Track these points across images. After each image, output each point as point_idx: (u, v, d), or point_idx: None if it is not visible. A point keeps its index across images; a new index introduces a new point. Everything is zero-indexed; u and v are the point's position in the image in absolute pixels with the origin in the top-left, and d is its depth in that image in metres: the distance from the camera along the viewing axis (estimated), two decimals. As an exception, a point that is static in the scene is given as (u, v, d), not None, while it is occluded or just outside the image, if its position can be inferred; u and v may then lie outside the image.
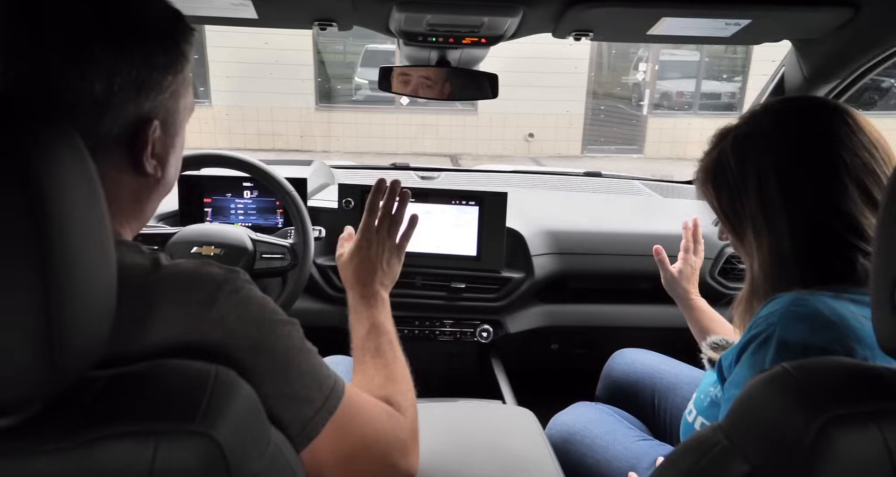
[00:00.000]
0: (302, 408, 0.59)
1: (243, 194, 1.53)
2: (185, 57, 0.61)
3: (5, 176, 0.38)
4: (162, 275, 0.55)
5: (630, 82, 9.26)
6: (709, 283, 1.58)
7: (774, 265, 0.78)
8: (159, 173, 0.62)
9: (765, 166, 0.77)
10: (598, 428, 1.15)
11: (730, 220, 0.84)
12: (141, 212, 0.65)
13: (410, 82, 1.40)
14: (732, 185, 0.81)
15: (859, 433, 0.44)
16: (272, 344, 0.58)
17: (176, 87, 0.61)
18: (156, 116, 0.59)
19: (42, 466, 0.42)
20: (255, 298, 0.59)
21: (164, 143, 0.62)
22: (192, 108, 0.66)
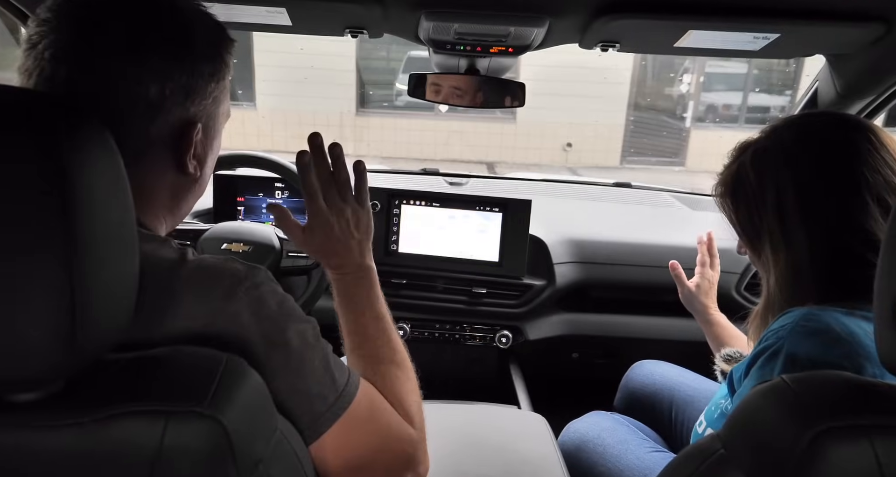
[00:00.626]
0: (314, 404, 0.60)
1: (275, 194, 1.58)
2: (227, 65, 0.66)
3: (40, 170, 0.41)
4: (187, 268, 0.58)
5: (674, 94, 9.11)
6: (734, 297, 1.56)
7: (791, 280, 0.77)
8: (198, 173, 0.66)
9: (784, 181, 0.77)
10: (611, 437, 1.15)
11: (747, 235, 0.83)
12: (178, 209, 0.69)
13: (441, 90, 1.43)
14: (751, 200, 0.80)
15: (850, 447, 0.44)
16: (287, 340, 0.60)
17: (218, 94, 0.65)
18: (199, 120, 0.63)
19: (62, 438, 0.45)
20: (273, 294, 0.60)
21: (205, 145, 0.66)
22: (228, 114, 0.70)
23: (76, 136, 0.44)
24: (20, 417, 0.45)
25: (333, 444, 0.62)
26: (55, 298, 0.42)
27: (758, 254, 0.83)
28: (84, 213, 0.43)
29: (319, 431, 0.61)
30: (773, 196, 0.77)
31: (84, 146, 0.44)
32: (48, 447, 0.45)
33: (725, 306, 1.57)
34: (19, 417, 0.45)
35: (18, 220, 0.41)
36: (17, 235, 0.41)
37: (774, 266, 0.79)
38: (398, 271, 1.56)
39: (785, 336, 0.69)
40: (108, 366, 0.49)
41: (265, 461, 0.51)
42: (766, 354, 0.71)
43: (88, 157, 0.44)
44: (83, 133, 0.45)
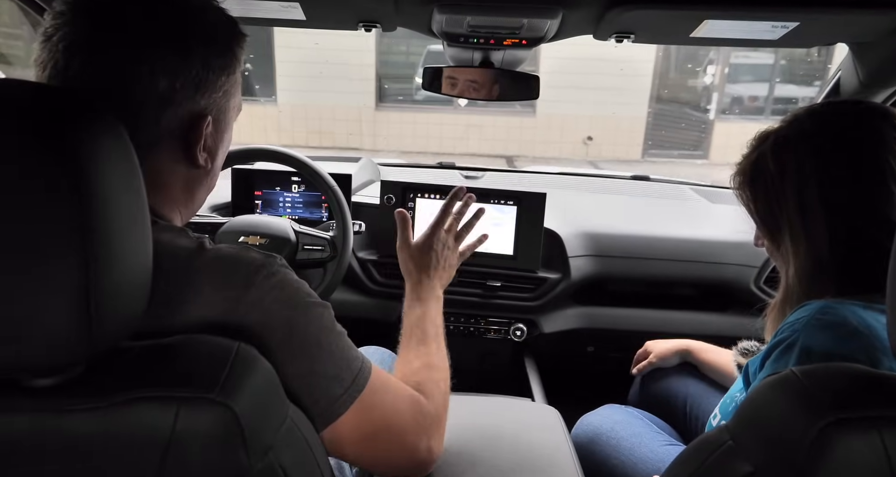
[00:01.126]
0: (331, 386, 0.62)
1: (291, 188, 1.60)
2: (238, 60, 0.67)
3: (55, 162, 0.43)
4: (204, 258, 0.59)
5: (698, 85, 8.96)
6: (753, 291, 1.54)
7: (810, 272, 0.76)
8: (209, 165, 0.68)
9: (805, 171, 0.75)
10: (625, 430, 1.15)
11: (766, 226, 0.82)
12: (191, 200, 0.70)
13: (455, 83, 1.42)
14: (770, 190, 0.79)
15: (859, 438, 0.44)
16: (305, 325, 0.61)
17: (228, 87, 0.66)
18: (210, 113, 0.65)
19: (78, 422, 0.46)
20: (290, 281, 0.62)
21: (215, 138, 0.67)
22: (240, 107, 0.72)
23: (89, 130, 0.45)
24: (40, 401, 0.47)
25: (350, 425, 0.64)
26: (71, 288, 0.43)
27: (776, 245, 0.81)
28: (98, 205, 0.44)
29: (338, 413, 0.63)
30: (794, 186, 0.76)
31: (97, 140, 0.45)
32: (66, 430, 0.46)
33: (744, 300, 1.56)
34: (39, 401, 0.47)
35: (34, 213, 0.42)
36: (33, 228, 0.42)
37: (794, 258, 0.77)
38: None
39: (800, 329, 0.69)
40: (124, 353, 0.51)
41: (275, 448, 0.52)
42: (781, 346, 0.70)
43: (102, 151, 0.45)
44: (96, 127, 0.46)
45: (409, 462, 0.72)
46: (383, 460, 0.71)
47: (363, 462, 0.72)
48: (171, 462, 0.47)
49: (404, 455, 0.71)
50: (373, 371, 0.67)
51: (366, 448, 0.67)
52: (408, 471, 0.74)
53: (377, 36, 7.94)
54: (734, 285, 1.57)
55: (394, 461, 0.72)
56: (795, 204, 0.76)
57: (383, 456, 0.70)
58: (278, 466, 0.52)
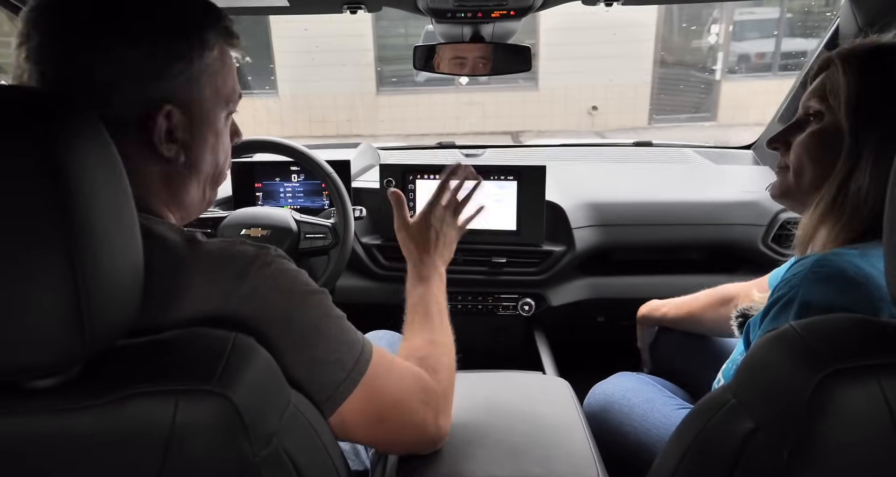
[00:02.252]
0: (335, 371, 0.62)
1: (291, 178, 1.60)
2: (200, 45, 0.62)
3: (34, 163, 0.42)
4: (196, 252, 0.59)
5: (702, 46, 8.77)
6: (761, 250, 1.52)
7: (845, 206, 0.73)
8: (182, 158, 0.64)
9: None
10: (637, 397, 1.15)
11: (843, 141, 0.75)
12: (179, 199, 0.67)
13: (447, 60, 1.41)
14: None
15: (858, 387, 0.43)
16: (303, 313, 0.61)
17: (193, 75, 0.62)
18: (168, 102, 0.61)
19: (78, 420, 0.47)
20: (285, 270, 0.61)
21: (188, 129, 0.64)
22: (228, 99, 0.68)
23: (69, 129, 0.45)
24: (38, 402, 0.47)
25: (356, 408, 0.64)
26: (60, 289, 0.44)
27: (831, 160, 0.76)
28: (81, 204, 0.44)
29: (343, 397, 0.63)
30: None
31: (77, 138, 0.45)
32: (67, 430, 0.47)
33: (753, 260, 1.55)
34: (38, 402, 0.47)
35: (17, 215, 0.42)
36: (18, 230, 0.43)
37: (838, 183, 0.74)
38: None
39: (798, 284, 0.68)
40: (120, 351, 0.51)
41: (279, 434, 0.53)
42: (780, 303, 0.69)
43: (83, 149, 0.45)
44: (76, 126, 0.46)
45: (418, 439, 0.73)
46: (394, 439, 0.72)
47: (375, 443, 0.74)
48: (174, 455, 0.47)
49: (413, 433, 0.72)
50: (375, 353, 0.67)
51: (375, 429, 0.68)
52: (418, 448, 0.75)
53: (374, 20, 7.86)
54: (742, 246, 1.55)
55: (404, 439, 0.72)
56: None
57: (393, 435, 0.71)
58: (283, 452, 0.53)
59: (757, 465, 0.48)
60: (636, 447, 1.07)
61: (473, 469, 0.80)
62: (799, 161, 0.80)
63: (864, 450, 0.43)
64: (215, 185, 0.73)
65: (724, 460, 0.50)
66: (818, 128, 0.77)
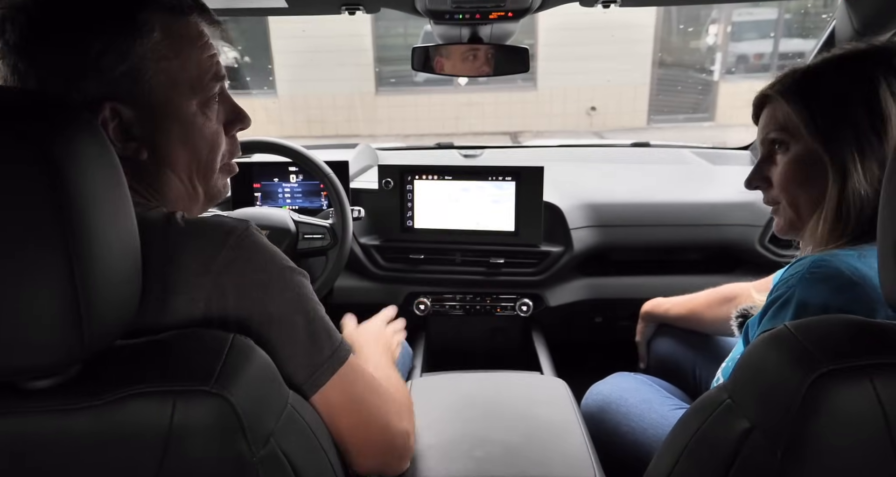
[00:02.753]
0: (312, 354, 0.62)
1: (289, 179, 1.60)
2: (134, 30, 0.58)
3: (32, 163, 0.43)
4: (177, 227, 0.59)
5: (701, 47, 8.78)
6: (758, 251, 1.52)
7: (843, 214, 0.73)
8: (145, 154, 0.62)
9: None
10: (634, 397, 1.15)
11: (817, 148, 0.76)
12: (163, 195, 0.66)
13: (444, 61, 1.41)
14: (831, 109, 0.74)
15: (851, 387, 0.44)
16: (281, 288, 0.60)
17: (130, 67, 0.59)
18: (109, 99, 0.58)
19: (77, 421, 0.47)
20: (263, 245, 0.60)
21: (143, 124, 0.61)
22: (194, 85, 0.63)
23: (66, 132, 0.45)
24: (38, 402, 0.48)
25: (337, 396, 0.64)
26: (58, 289, 0.44)
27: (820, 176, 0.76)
28: (80, 206, 0.45)
29: (318, 383, 0.63)
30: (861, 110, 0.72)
31: (75, 141, 0.45)
32: (66, 430, 0.47)
33: (749, 260, 1.55)
34: (37, 403, 0.48)
35: (16, 216, 0.43)
36: (16, 231, 0.43)
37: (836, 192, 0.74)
38: (415, 247, 1.58)
39: (795, 284, 0.68)
40: (119, 351, 0.52)
41: (276, 435, 0.53)
42: (777, 303, 0.70)
43: (80, 152, 0.46)
44: (73, 128, 0.46)
45: (387, 443, 0.71)
46: (366, 436, 0.69)
47: (347, 439, 0.69)
48: (172, 455, 0.48)
49: (384, 433, 0.71)
50: (352, 355, 0.67)
51: (346, 424, 0.67)
52: (385, 455, 0.72)
53: (373, 20, 7.86)
54: (739, 246, 1.55)
55: (372, 441, 0.70)
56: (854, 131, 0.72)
57: (362, 435, 0.68)
58: (281, 452, 0.53)
59: (752, 464, 0.48)
60: (633, 447, 1.08)
61: (471, 468, 0.80)
62: (789, 192, 0.80)
63: (857, 450, 0.44)
64: (206, 177, 0.70)
65: (719, 460, 0.50)
66: (792, 156, 0.78)
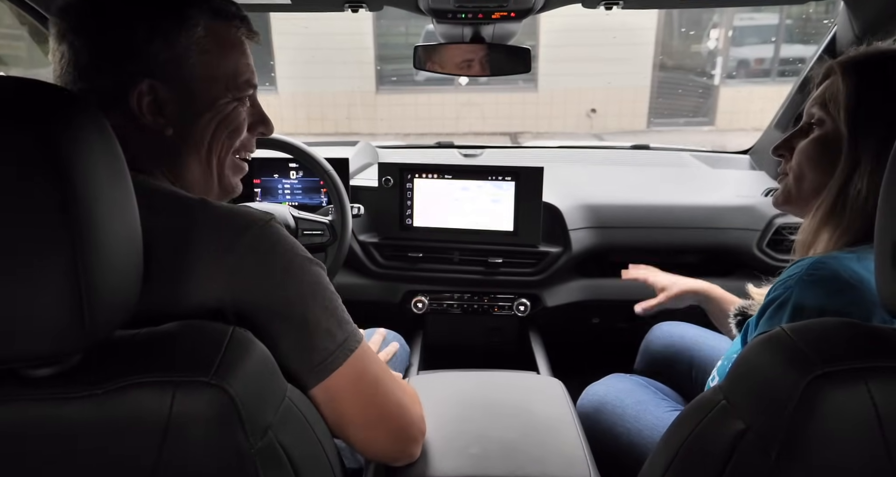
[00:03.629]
0: (324, 340, 0.63)
1: (289, 175, 1.60)
2: (183, 23, 0.66)
3: (37, 154, 0.43)
4: (206, 210, 0.62)
5: (702, 51, 8.79)
6: (756, 255, 1.53)
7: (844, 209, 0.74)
8: (170, 131, 0.68)
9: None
10: (629, 398, 1.15)
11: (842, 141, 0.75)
12: (181, 177, 0.71)
13: (446, 60, 1.41)
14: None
15: (845, 390, 0.44)
16: (299, 277, 0.63)
17: (174, 55, 0.66)
18: (149, 77, 0.65)
19: (76, 409, 0.48)
20: (285, 236, 0.64)
21: (177, 104, 0.67)
22: (229, 83, 0.70)
23: (72, 123, 0.45)
24: (38, 390, 0.48)
25: (344, 388, 0.65)
26: (61, 279, 0.44)
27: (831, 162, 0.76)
28: (84, 197, 0.45)
29: (330, 368, 0.64)
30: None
31: (80, 132, 0.46)
32: (66, 418, 0.48)
33: (747, 264, 1.56)
34: (38, 390, 0.48)
35: (19, 208, 0.43)
36: (19, 223, 0.43)
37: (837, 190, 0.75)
38: (414, 245, 1.58)
39: (792, 286, 0.69)
40: (120, 341, 0.52)
41: (274, 427, 0.53)
42: (774, 304, 0.70)
43: (85, 143, 0.46)
44: (79, 119, 0.46)
45: (402, 425, 0.72)
46: (376, 421, 0.70)
47: (358, 427, 0.70)
48: (170, 445, 0.48)
49: (400, 415, 0.71)
50: (364, 342, 0.68)
51: (361, 406, 0.68)
52: (400, 438, 0.74)
53: (374, 18, 7.85)
54: (737, 250, 1.56)
55: (387, 423, 0.71)
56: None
57: (376, 415, 0.69)
58: (278, 444, 0.53)
59: (746, 465, 0.48)
60: (628, 448, 1.08)
61: (467, 465, 0.80)
62: (799, 167, 0.80)
63: (851, 452, 0.44)
64: (221, 166, 0.74)
65: (714, 460, 0.50)
66: (819, 134, 0.78)
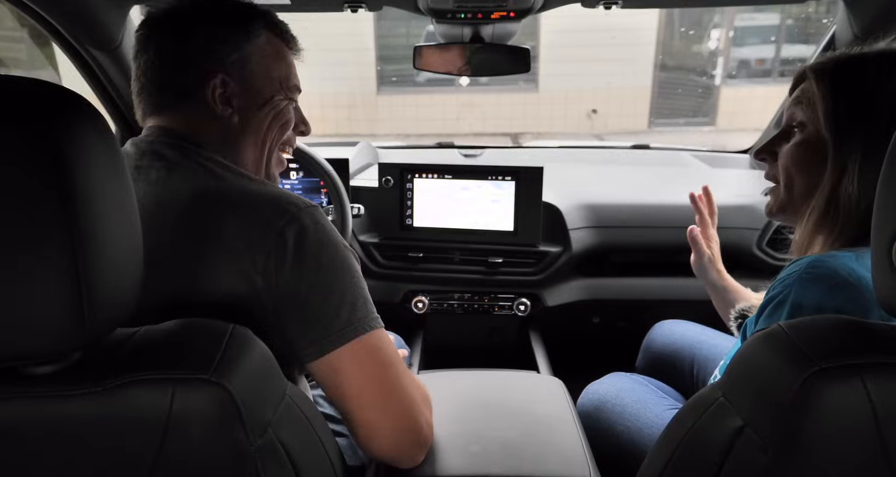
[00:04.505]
0: (348, 309, 0.67)
1: (289, 175, 1.60)
2: (250, 32, 0.78)
3: (38, 152, 0.44)
4: (259, 191, 0.70)
5: (703, 51, 8.79)
6: (755, 254, 1.53)
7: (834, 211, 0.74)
8: (235, 119, 0.78)
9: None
10: (629, 397, 1.15)
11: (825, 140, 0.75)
12: (238, 157, 0.80)
13: (445, 60, 1.42)
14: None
15: (842, 385, 0.44)
16: (334, 252, 0.68)
17: (242, 56, 0.77)
18: (221, 72, 0.76)
19: (77, 406, 0.48)
20: (323, 222, 0.70)
21: (242, 97, 0.78)
22: (282, 84, 0.82)
23: (73, 122, 0.46)
24: (39, 388, 0.48)
25: (360, 359, 0.67)
26: (61, 276, 0.45)
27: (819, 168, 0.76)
28: (84, 194, 0.45)
29: (351, 335, 0.67)
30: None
31: (81, 131, 0.46)
32: (66, 415, 0.48)
33: (747, 263, 1.56)
34: (38, 388, 0.48)
35: (19, 206, 0.43)
36: (19, 221, 0.43)
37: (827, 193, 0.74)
38: (414, 245, 1.58)
39: (791, 284, 0.69)
40: (119, 339, 0.52)
41: (274, 425, 0.54)
42: (773, 303, 0.70)
43: (85, 142, 0.46)
44: (80, 118, 0.47)
45: (410, 422, 0.73)
46: (381, 417, 0.70)
47: (358, 413, 0.70)
48: (171, 442, 0.48)
49: (408, 409, 0.72)
50: (379, 329, 0.71)
51: (365, 395, 0.68)
52: (404, 439, 0.74)
53: (375, 19, 7.86)
54: (737, 249, 1.56)
55: (393, 410, 0.71)
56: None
57: (381, 402, 0.70)
58: (278, 441, 0.54)
59: (744, 461, 0.49)
60: (628, 447, 1.08)
61: (468, 465, 0.80)
62: (787, 173, 0.80)
63: (847, 447, 0.44)
64: (270, 156, 0.84)
65: (712, 456, 0.51)
66: (802, 138, 0.78)
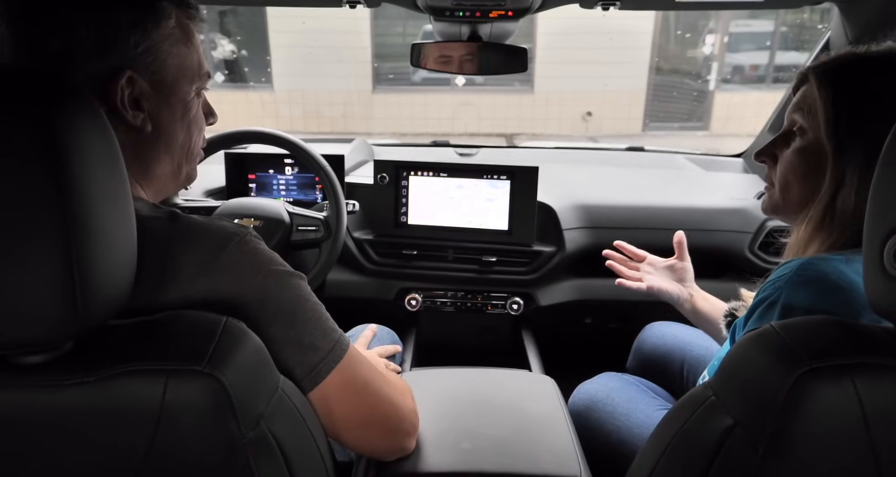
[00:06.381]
0: (307, 354, 0.63)
1: (284, 171, 1.60)
2: (158, 14, 0.63)
3: (32, 146, 0.43)
4: (178, 227, 0.60)
5: (698, 56, 8.84)
6: (747, 257, 1.54)
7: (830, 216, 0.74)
8: (149, 127, 0.65)
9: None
10: (620, 396, 1.16)
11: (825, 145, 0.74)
12: (148, 171, 0.68)
13: (442, 59, 1.42)
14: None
15: (832, 385, 0.45)
16: (279, 292, 0.62)
17: (151, 45, 0.63)
18: (129, 68, 0.61)
19: (68, 397, 0.48)
20: (262, 250, 0.63)
21: (153, 98, 0.65)
22: (194, 74, 0.69)
23: (67, 109, 0.45)
24: (30, 377, 0.48)
25: (333, 395, 0.65)
26: (54, 266, 0.45)
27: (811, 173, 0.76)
28: (78, 185, 0.45)
29: (315, 381, 0.64)
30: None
31: (75, 118, 0.46)
32: (57, 405, 0.48)
33: (739, 265, 1.57)
34: (29, 377, 0.48)
35: (14, 195, 0.43)
36: (14, 210, 0.43)
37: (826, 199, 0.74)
38: (408, 243, 1.58)
39: (782, 286, 0.69)
40: (112, 330, 0.52)
41: (266, 418, 0.54)
42: (764, 304, 0.71)
43: (80, 129, 0.46)
44: (74, 106, 0.46)
45: (395, 420, 0.73)
46: (368, 420, 0.71)
47: (347, 436, 0.71)
48: (163, 433, 0.48)
49: (393, 411, 0.72)
50: (350, 347, 0.68)
51: (354, 408, 0.68)
52: (394, 432, 0.75)
53: (372, 17, 7.85)
54: (729, 252, 1.57)
55: (380, 420, 0.72)
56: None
57: (368, 416, 0.70)
58: (270, 434, 0.54)
59: (734, 460, 0.49)
60: (618, 446, 1.09)
61: (459, 462, 0.81)
62: (785, 178, 0.80)
63: (836, 447, 0.45)
64: (190, 160, 0.73)
65: (702, 455, 0.51)
66: (801, 145, 0.78)
